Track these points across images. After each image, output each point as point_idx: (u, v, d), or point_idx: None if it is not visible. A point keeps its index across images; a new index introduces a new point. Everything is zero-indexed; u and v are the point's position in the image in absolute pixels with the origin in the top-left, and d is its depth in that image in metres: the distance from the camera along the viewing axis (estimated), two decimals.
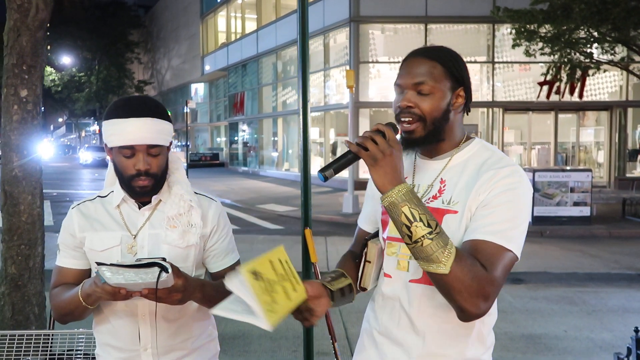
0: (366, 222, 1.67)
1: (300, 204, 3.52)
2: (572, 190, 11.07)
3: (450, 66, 1.43)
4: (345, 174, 13.74)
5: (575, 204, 11.07)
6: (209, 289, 1.58)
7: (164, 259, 1.36)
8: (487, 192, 1.36)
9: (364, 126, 18.07)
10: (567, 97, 16.99)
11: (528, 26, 12.03)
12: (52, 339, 2.61)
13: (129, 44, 42.39)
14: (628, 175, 18.16)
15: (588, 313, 5.83)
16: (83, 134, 64.54)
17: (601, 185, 17.43)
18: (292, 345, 4.79)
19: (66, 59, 40.30)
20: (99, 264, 1.35)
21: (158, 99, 45.73)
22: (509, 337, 4.99)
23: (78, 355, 2.57)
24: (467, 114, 1.52)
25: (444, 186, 1.44)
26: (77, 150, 48.52)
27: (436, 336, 1.41)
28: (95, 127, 61.26)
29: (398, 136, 1.39)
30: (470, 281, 1.23)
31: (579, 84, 16.14)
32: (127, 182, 1.56)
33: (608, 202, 13.93)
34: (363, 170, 17.73)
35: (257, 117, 26.74)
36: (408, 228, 1.25)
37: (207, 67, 32.23)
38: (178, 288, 1.39)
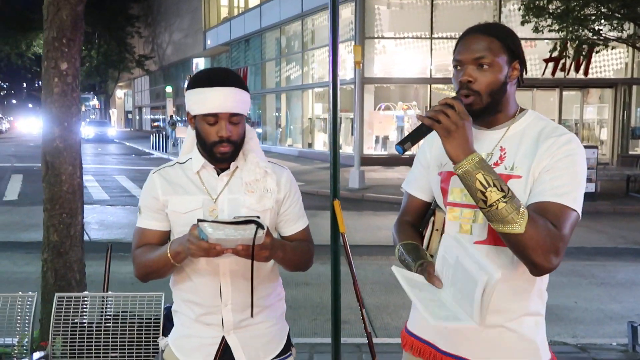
0: (418, 190, 1.76)
1: (308, 180, 3.62)
2: None
3: (506, 41, 1.53)
4: (350, 150, 13.82)
5: None
6: (289, 249, 1.69)
7: (258, 217, 1.46)
8: (549, 158, 1.47)
9: (369, 102, 18.04)
10: (572, 74, 16.97)
11: (537, 2, 12.00)
12: (107, 300, 2.75)
13: (130, 17, 41.89)
14: (631, 152, 18.27)
15: (597, 285, 5.99)
16: (83, 108, 64.23)
17: (604, 163, 17.54)
18: (312, 314, 4.95)
19: None
20: (200, 220, 1.43)
21: (159, 73, 43.92)
22: None
23: (129, 316, 2.70)
24: (521, 85, 1.62)
25: (504, 154, 1.54)
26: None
27: (501, 293, 1.50)
28: (96, 102, 60.95)
29: None
30: (543, 239, 1.35)
31: (584, 61, 16.13)
32: (209, 149, 1.65)
33: (612, 179, 14.05)
34: (367, 146, 17.82)
35: (260, 93, 26.66)
36: (483, 193, 1.36)
37: (209, 42, 31.99)
38: (267, 245, 1.49)
